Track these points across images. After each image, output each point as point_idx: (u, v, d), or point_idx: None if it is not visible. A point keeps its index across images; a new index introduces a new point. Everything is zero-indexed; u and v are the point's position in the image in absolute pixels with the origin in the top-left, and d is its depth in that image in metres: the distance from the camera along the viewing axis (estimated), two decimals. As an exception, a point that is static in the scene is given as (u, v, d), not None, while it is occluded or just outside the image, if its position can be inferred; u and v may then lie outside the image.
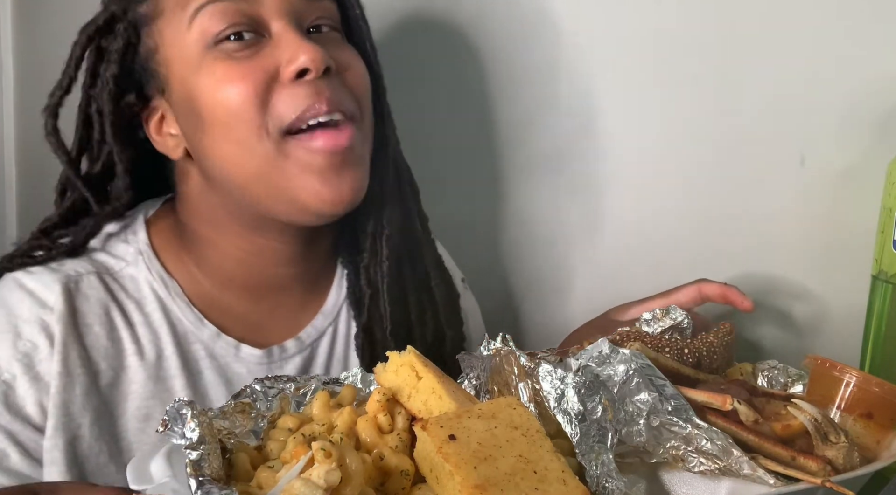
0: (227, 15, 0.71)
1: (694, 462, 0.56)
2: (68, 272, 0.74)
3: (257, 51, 0.71)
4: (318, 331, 0.84)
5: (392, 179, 0.83)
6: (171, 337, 0.76)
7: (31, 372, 0.70)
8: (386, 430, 0.57)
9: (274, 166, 0.72)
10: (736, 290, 0.84)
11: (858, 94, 0.94)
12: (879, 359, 0.84)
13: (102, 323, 0.74)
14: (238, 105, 0.70)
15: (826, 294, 0.99)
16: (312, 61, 0.69)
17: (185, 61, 0.73)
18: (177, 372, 0.76)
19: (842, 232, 0.97)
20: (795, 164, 0.98)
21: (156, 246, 0.79)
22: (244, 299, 0.81)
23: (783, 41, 0.97)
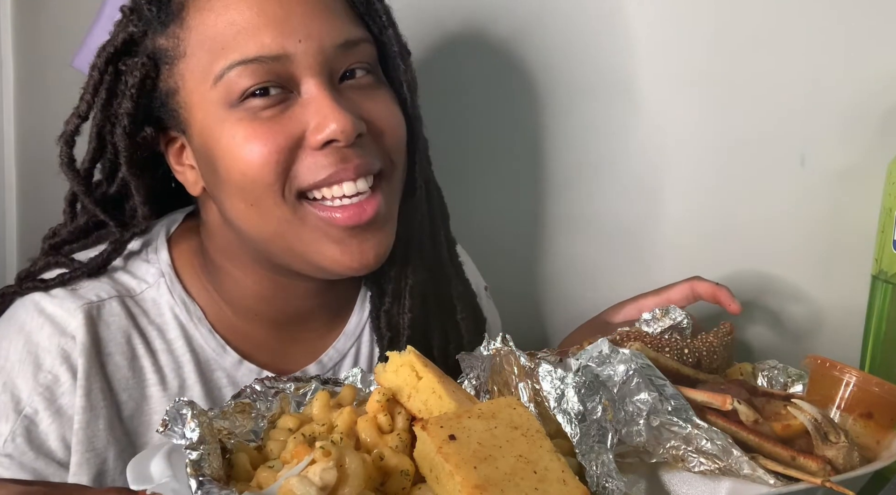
0: (257, 75, 0.67)
1: (694, 462, 0.56)
2: (90, 298, 0.72)
3: (284, 109, 0.68)
4: (340, 354, 0.82)
5: (423, 220, 0.80)
6: (193, 366, 0.74)
7: (53, 407, 0.68)
8: (386, 430, 0.57)
9: (290, 229, 0.69)
10: (727, 291, 0.84)
11: (858, 94, 0.94)
12: (879, 359, 0.84)
13: (123, 352, 0.72)
14: (257, 169, 0.67)
15: (826, 294, 0.99)
16: (343, 132, 0.66)
17: (207, 113, 0.69)
18: (199, 401, 0.73)
19: (842, 232, 0.97)
20: (795, 165, 0.98)
21: (178, 267, 0.77)
22: (265, 329, 0.79)
23: (783, 42, 0.97)
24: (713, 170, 1.03)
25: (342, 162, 0.67)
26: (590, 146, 1.10)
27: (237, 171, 0.67)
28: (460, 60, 1.09)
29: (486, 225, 1.10)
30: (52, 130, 0.97)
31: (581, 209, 1.11)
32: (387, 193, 0.71)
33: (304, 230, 0.69)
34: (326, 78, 0.68)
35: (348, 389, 0.65)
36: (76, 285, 0.72)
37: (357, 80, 0.71)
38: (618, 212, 1.09)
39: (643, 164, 1.06)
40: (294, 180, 0.68)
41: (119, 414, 0.70)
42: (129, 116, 0.71)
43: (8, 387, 0.68)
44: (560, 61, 1.09)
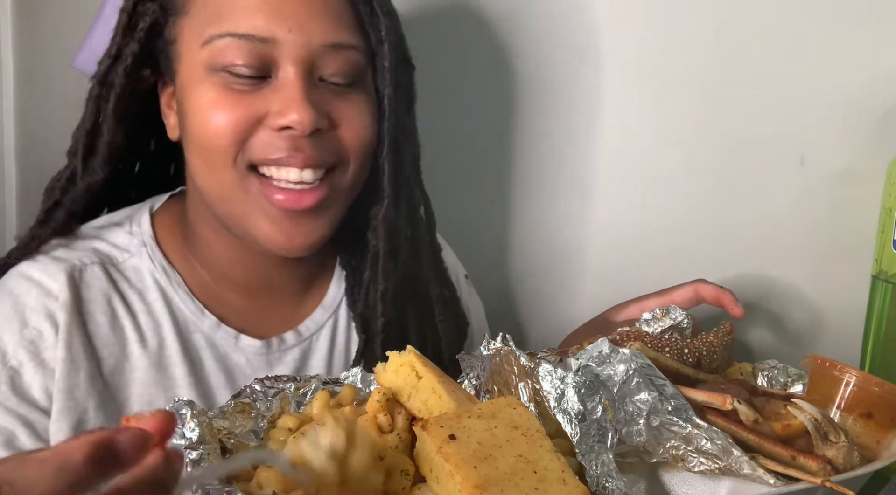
0: (242, 53, 0.70)
1: (694, 462, 0.56)
2: (73, 262, 0.76)
3: (256, 88, 0.71)
4: (318, 324, 0.85)
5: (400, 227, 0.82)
6: (172, 326, 0.77)
7: (36, 359, 0.72)
8: (386, 430, 0.57)
9: (235, 195, 0.73)
10: (730, 295, 0.84)
11: (858, 94, 0.94)
12: (879, 359, 0.84)
13: (104, 311, 0.75)
14: (215, 134, 0.71)
15: (826, 294, 0.99)
16: (300, 123, 0.69)
17: (191, 71, 0.73)
18: (178, 360, 0.77)
19: (842, 232, 0.97)
20: (795, 165, 0.98)
21: (159, 237, 0.80)
22: (242, 295, 0.82)
23: (783, 42, 0.97)
24: (713, 170, 1.03)
25: (294, 149, 0.71)
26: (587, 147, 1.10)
27: (198, 131, 0.72)
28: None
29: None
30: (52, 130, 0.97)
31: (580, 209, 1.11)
32: (333, 190, 0.74)
33: (247, 199, 0.73)
34: (305, 70, 0.71)
35: (348, 389, 0.65)
36: (62, 253, 0.76)
37: (337, 82, 0.74)
38: (617, 212, 1.09)
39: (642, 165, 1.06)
40: (247, 151, 0.71)
41: (100, 369, 0.73)
42: (134, 56, 0.76)
43: None
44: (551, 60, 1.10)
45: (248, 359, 0.80)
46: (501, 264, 1.17)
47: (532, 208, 1.14)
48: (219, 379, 0.78)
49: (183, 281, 0.79)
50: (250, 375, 0.77)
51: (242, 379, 0.79)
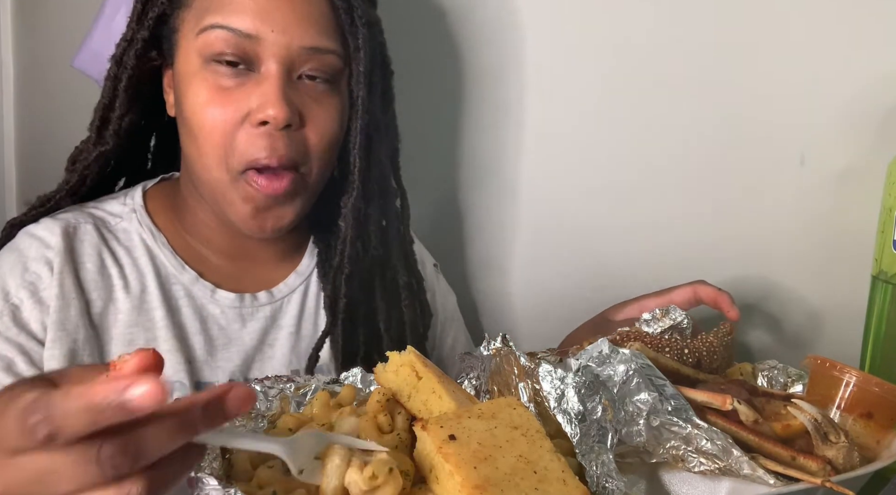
0: (229, 44, 0.79)
1: (694, 462, 0.56)
2: (69, 220, 0.86)
3: (242, 83, 0.80)
4: (290, 288, 0.93)
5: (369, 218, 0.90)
6: (154, 276, 0.86)
7: (35, 297, 0.81)
8: (386, 430, 0.57)
9: (223, 189, 0.82)
10: (728, 297, 0.86)
11: (858, 94, 0.94)
12: (879, 359, 0.84)
13: (94, 261, 0.84)
14: (209, 130, 0.80)
15: (826, 294, 0.99)
16: (274, 118, 0.78)
17: (187, 60, 0.82)
18: (158, 305, 0.85)
19: (842, 232, 0.97)
20: (795, 164, 0.98)
21: (149, 208, 0.90)
22: (221, 257, 0.91)
23: (783, 41, 0.97)
24: (713, 169, 1.03)
25: (272, 149, 0.79)
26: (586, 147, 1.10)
27: (197, 126, 0.81)
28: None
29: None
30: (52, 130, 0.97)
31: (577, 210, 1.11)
32: (299, 183, 0.83)
33: (234, 193, 0.82)
34: (285, 68, 0.80)
35: (348, 389, 0.65)
36: (61, 214, 0.86)
37: (314, 83, 0.83)
38: (617, 212, 1.09)
39: (642, 165, 1.06)
40: (235, 153, 0.80)
41: (89, 310, 0.83)
42: (143, 41, 0.85)
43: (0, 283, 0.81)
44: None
45: (223, 311, 0.88)
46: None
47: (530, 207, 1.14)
48: (195, 326, 0.86)
49: (167, 241, 0.89)
50: (224, 325, 0.87)
51: (216, 327, 0.87)
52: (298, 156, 0.82)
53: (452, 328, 1.05)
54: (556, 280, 1.14)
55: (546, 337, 1.04)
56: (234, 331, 0.88)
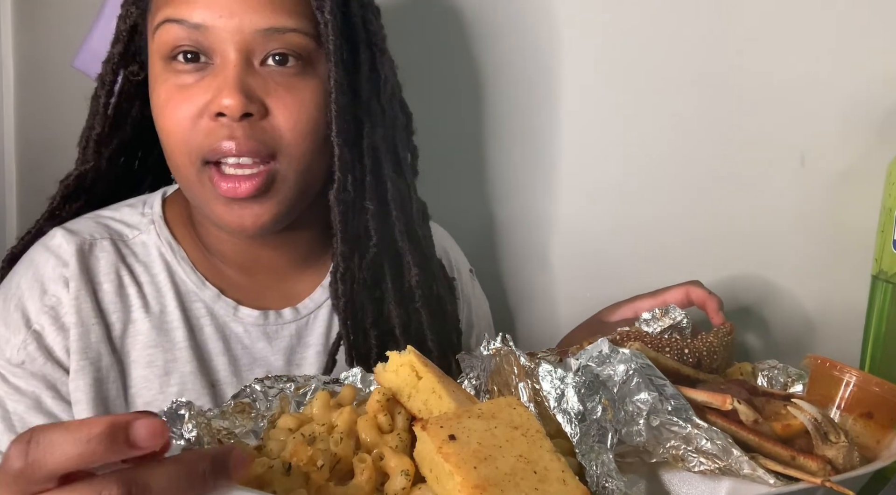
0: (180, 37, 0.75)
1: (694, 462, 0.56)
2: (84, 236, 0.82)
3: (202, 77, 0.76)
4: (316, 304, 0.88)
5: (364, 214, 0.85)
6: (174, 294, 0.83)
7: (57, 323, 0.78)
8: (386, 430, 0.57)
9: (194, 186, 0.78)
10: (716, 302, 0.86)
11: (858, 94, 0.94)
12: (879, 358, 0.84)
13: (111, 281, 0.81)
14: (171, 129, 0.77)
15: (826, 294, 0.99)
16: (228, 107, 0.73)
17: (153, 63, 0.79)
18: (179, 325, 0.82)
19: (842, 232, 0.97)
20: (795, 164, 0.98)
21: (168, 218, 0.86)
22: (239, 272, 0.87)
23: (783, 41, 0.97)
24: (713, 169, 1.03)
25: (229, 138, 0.74)
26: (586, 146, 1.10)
27: (159, 127, 0.78)
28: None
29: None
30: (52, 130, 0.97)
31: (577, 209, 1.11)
32: (274, 177, 0.77)
33: (203, 188, 0.78)
34: (241, 55, 0.75)
35: (348, 389, 0.65)
36: (77, 227, 0.83)
37: (282, 68, 0.76)
38: (616, 212, 1.09)
39: (642, 165, 1.06)
40: (195, 144, 0.76)
41: (109, 334, 0.80)
42: (119, 55, 0.84)
43: (19, 308, 0.78)
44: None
45: (246, 329, 0.84)
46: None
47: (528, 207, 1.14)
48: (217, 346, 0.83)
49: (187, 255, 0.85)
50: (248, 345, 0.84)
51: (240, 347, 0.84)
52: (267, 147, 0.76)
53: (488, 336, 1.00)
54: (557, 281, 1.14)
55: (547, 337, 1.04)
56: (258, 351, 0.84)
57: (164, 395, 0.79)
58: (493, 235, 1.17)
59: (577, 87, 1.09)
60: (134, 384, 0.80)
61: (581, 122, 1.09)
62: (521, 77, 1.12)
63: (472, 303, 0.99)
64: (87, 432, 0.42)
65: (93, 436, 0.42)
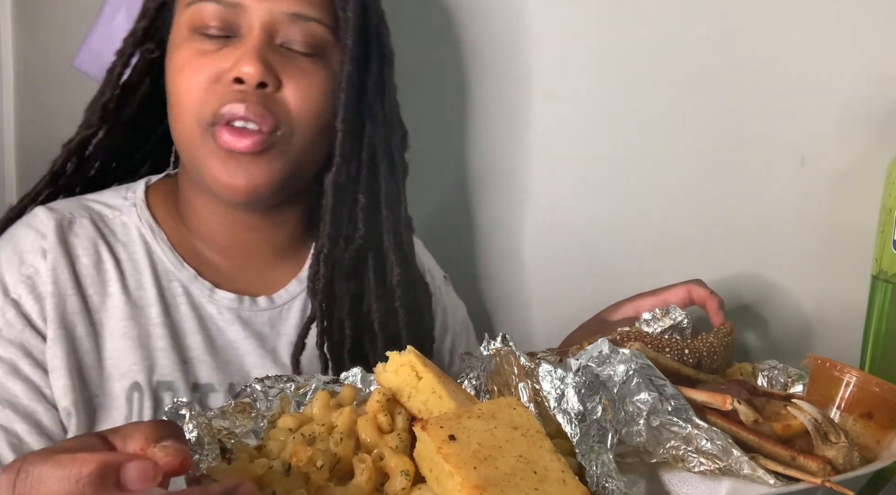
0: (211, 16, 0.80)
1: (694, 462, 0.56)
2: (64, 213, 0.84)
3: (221, 48, 0.80)
4: (291, 295, 0.91)
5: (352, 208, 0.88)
6: (151, 271, 0.85)
7: (34, 292, 0.80)
8: (386, 430, 0.57)
9: (195, 143, 0.81)
10: (716, 301, 0.87)
11: (858, 94, 0.94)
12: (879, 358, 0.84)
13: (90, 255, 0.83)
14: (186, 90, 0.81)
15: (826, 294, 0.99)
16: (247, 74, 0.78)
17: (176, 33, 0.83)
18: (154, 302, 0.84)
19: (842, 232, 0.97)
20: (795, 164, 0.98)
21: (150, 202, 0.89)
22: (220, 255, 0.89)
23: (783, 41, 0.97)
24: (713, 169, 1.03)
25: (242, 101, 0.79)
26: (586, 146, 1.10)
27: (170, 90, 0.83)
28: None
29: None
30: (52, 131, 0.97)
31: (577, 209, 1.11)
32: (275, 145, 0.81)
33: (204, 149, 0.81)
34: (265, 33, 0.80)
35: (348, 389, 0.65)
36: (57, 205, 0.86)
37: (298, 54, 0.82)
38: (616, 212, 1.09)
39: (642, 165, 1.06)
40: (206, 107, 0.80)
41: (87, 305, 0.82)
42: (143, 30, 0.88)
43: None
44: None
45: (220, 311, 0.86)
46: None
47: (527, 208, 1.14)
48: (192, 325, 0.85)
49: (166, 237, 0.87)
50: (222, 327, 0.86)
51: (214, 327, 0.86)
52: (274, 117, 0.80)
53: (462, 342, 1.03)
54: (557, 281, 1.14)
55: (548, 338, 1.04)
56: (232, 333, 0.86)
57: (137, 367, 0.81)
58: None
59: (578, 87, 1.09)
60: (110, 355, 0.81)
61: (580, 121, 1.09)
62: (511, 73, 1.12)
63: (448, 309, 1.01)
64: (78, 471, 0.41)
65: (83, 477, 0.41)
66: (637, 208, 1.07)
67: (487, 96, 1.13)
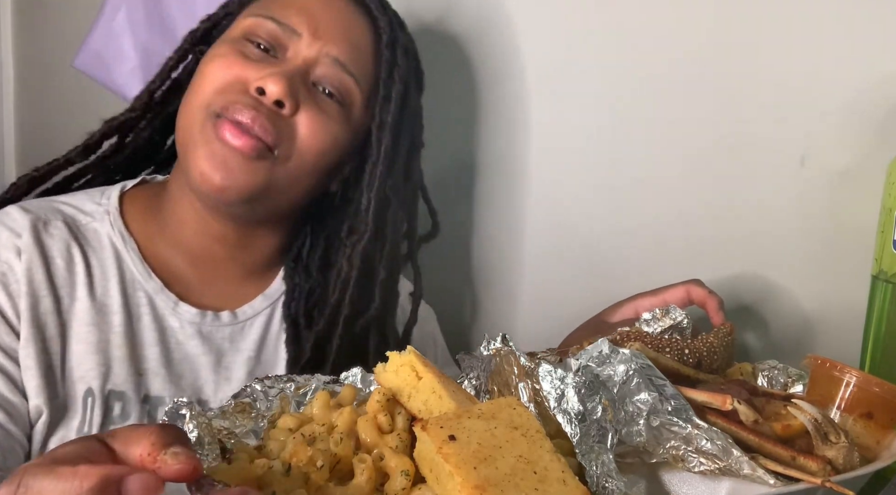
0: (266, 32, 0.85)
1: (694, 462, 0.56)
2: (38, 213, 0.85)
3: (260, 61, 0.84)
4: (255, 311, 0.92)
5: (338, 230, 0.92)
6: (118, 280, 0.86)
7: (7, 289, 0.80)
8: (386, 430, 0.57)
9: (194, 127, 0.83)
10: (716, 301, 0.87)
11: (858, 94, 0.94)
12: (879, 359, 0.84)
13: (63, 257, 0.84)
14: (206, 79, 0.84)
15: (826, 294, 0.99)
16: (270, 89, 0.81)
17: (229, 33, 0.88)
18: (118, 309, 0.85)
19: (842, 232, 0.97)
20: (795, 164, 0.98)
21: (124, 210, 0.90)
22: (188, 263, 0.90)
23: (783, 41, 0.97)
24: (713, 169, 1.03)
25: (253, 109, 0.81)
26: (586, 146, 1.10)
27: (200, 70, 0.86)
28: None
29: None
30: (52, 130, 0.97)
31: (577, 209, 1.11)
32: (269, 161, 0.83)
33: (201, 137, 0.83)
34: (305, 65, 0.85)
35: (348, 389, 0.65)
36: (30, 206, 0.87)
37: (326, 96, 0.86)
38: (616, 211, 1.09)
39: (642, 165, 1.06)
40: (221, 97, 0.82)
41: (58, 307, 0.83)
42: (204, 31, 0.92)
43: None
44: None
45: (182, 325, 0.87)
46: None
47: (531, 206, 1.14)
48: (151, 336, 0.86)
49: (137, 247, 0.88)
50: (182, 340, 0.87)
51: (174, 340, 0.87)
52: (278, 135, 0.82)
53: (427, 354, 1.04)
54: (558, 281, 1.14)
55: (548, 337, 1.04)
56: (191, 347, 0.87)
57: (93, 373, 0.81)
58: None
59: (578, 88, 1.09)
60: (72, 357, 0.82)
61: (580, 121, 1.09)
62: (511, 73, 1.12)
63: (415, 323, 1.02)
64: (79, 485, 0.41)
65: (84, 491, 0.41)
66: (636, 208, 1.07)
67: (487, 95, 1.13)
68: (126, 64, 1.15)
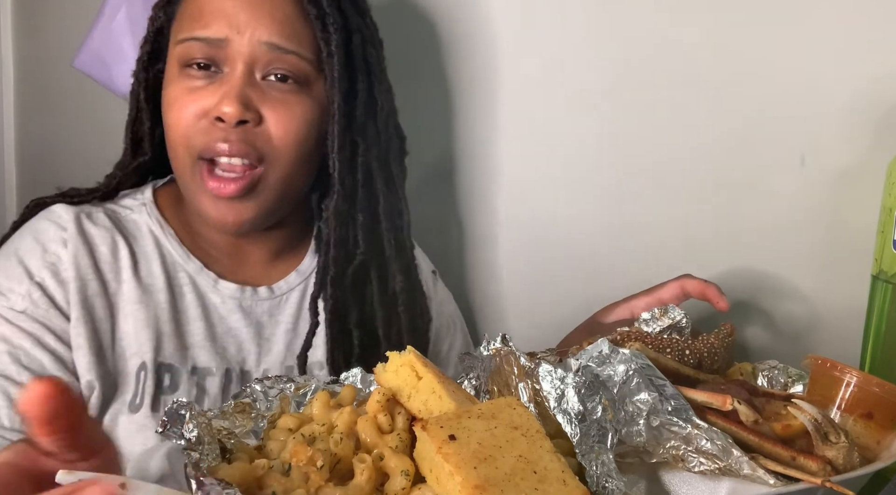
0: (198, 53, 0.85)
1: (694, 462, 0.56)
2: (82, 206, 0.91)
3: (210, 82, 0.85)
4: (290, 286, 0.96)
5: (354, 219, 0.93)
6: (160, 262, 0.90)
7: (57, 277, 0.85)
8: (386, 430, 0.57)
9: (187, 176, 0.87)
10: (715, 288, 0.87)
11: (858, 94, 0.94)
12: (879, 359, 0.84)
13: (107, 243, 0.89)
14: (175, 123, 0.86)
15: (826, 294, 0.99)
16: (227, 114, 0.83)
17: (170, 65, 0.89)
18: (162, 288, 0.89)
19: (842, 232, 0.97)
20: (795, 164, 0.98)
21: (158, 201, 0.95)
22: (222, 254, 0.95)
23: (783, 42, 0.97)
24: (713, 169, 1.03)
25: (224, 140, 0.84)
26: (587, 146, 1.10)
27: (166, 122, 0.88)
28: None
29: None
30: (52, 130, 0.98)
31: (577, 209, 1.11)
32: (259, 181, 0.86)
33: (194, 182, 0.87)
34: (247, 68, 0.85)
35: (348, 389, 0.65)
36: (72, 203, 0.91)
37: (281, 84, 0.86)
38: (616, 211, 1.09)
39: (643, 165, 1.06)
40: (194, 142, 0.85)
41: (105, 289, 0.87)
42: (147, 54, 0.93)
43: (21, 264, 0.85)
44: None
45: (224, 301, 0.92)
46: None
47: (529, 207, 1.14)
48: (196, 312, 0.90)
49: (174, 232, 0.93)
50: (224, 315, 0.91)
51: (216, 316, 0.91)
52: (257, 151, 0.85)
53: (449, 335, 1.06)
54: (555, 281, 1.14)
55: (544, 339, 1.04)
56: (233, 322, 0.91)
57: (146, 347, 0.86)
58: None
59: (576, 87, 1.09)
60: (124, 335, 0.87)
61: (578, 121, 1.09)
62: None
63: (433, 301, 1.04)
64: None
65: None
66: (636, 208, 1.07)
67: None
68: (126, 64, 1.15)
